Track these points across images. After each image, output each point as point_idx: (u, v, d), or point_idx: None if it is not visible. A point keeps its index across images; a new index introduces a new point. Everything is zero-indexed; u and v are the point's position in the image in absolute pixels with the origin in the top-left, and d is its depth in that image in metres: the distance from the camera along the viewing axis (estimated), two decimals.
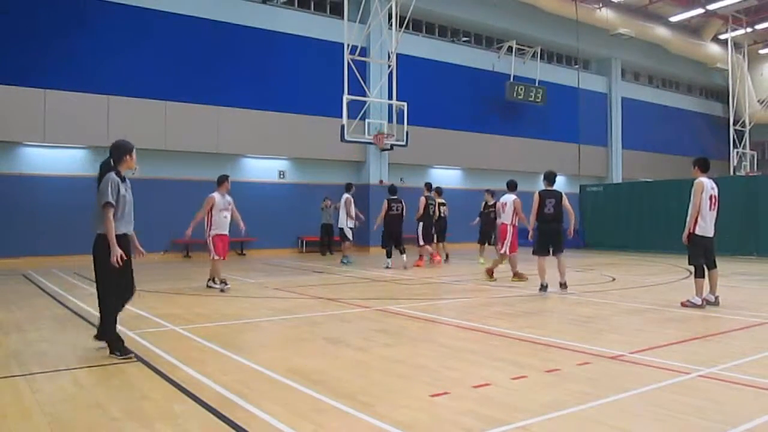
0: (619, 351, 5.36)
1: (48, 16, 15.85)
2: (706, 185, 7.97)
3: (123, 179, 5.56)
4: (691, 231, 7.96)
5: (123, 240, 5.48)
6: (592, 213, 22.32)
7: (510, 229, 11.20)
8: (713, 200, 8.02)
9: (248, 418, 3.65)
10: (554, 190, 9.85)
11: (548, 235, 9.69)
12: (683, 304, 8.11)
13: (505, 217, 11.24)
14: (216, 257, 10.14)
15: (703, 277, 8.00)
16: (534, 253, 9.82)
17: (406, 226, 14.80)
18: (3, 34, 15.32)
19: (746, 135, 30.74)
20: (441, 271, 13.66)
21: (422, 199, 14.75)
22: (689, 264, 8.20)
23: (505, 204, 11.24)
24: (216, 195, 10.33)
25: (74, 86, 16.06)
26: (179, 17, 17.77)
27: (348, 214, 15.34)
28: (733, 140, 30.28)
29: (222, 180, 10.39)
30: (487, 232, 15.25)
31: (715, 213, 8.06)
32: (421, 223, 14.59)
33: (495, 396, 4.07)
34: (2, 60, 15.25)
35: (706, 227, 7.94)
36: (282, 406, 3.88)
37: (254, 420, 3.63)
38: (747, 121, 30.79)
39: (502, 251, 11.38)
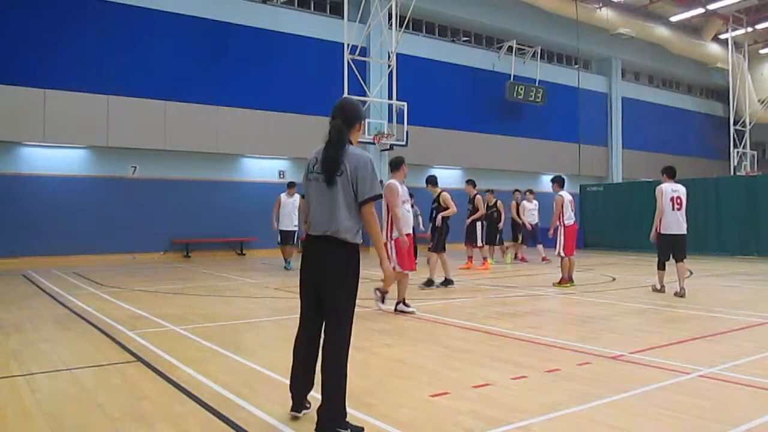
0: (619, 351, 5.36)
1: (48, 16, 15.85)
2: (665, 190, 9.02)
3: None
4: (658, 230, 9.10)
5: None
6: (592, 213, 22.32)
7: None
8: (675, 201, 9.01)
9: (248, 418, 3.65)
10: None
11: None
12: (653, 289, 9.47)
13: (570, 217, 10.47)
14: (399, 269, 7.42)
15: (664, 269, 9.25)
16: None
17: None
18: (3, 34, 15.33)
19: (746, 135, 30.75)
20: (441, 272, 13.63)
21: (479, 198, 13.76)
22: (659, 258, 9.28)
23: (573, 201, 10.67)
24: (396, 182, 7.56)
25: (74, 86, 16.06)
26: (179, 17, 17.77)
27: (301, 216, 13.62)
28: (734, 140, 30.29)
29: (399, 163, 7.66)
30: (493, 232, 14.97)
31: (680, 213, 9.05)
32: (479, 223, 13.86)
33: (495, 396, 4.07)
34: (2, 60, 15.26)
35: (669, 226, 9.01)
36: (282, 406, 3.87)
37: (254, 420, 3.63)
38: (747, 121, 30.79)
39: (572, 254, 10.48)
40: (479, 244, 14.04)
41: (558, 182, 10.75)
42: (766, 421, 3.58)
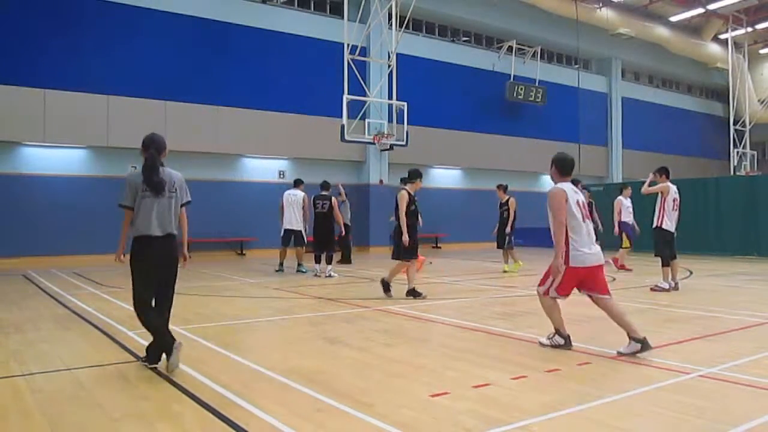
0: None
1: (48, 16, 15.85)
2: (672, 189, 9.56)
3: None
4: (659, 226, 9.49)
5: None
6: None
7: None
8: (675, 202, 9.60)
9: (248, 418, 3.65)
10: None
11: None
12: (652, 289, 9.56)
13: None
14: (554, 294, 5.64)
15: (669, 265, 9.49)
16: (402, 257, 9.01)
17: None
18: (3, 34, 15.33)
19: (746, 135, 30.75)
20: (441, 272, 13.65)
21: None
22: (656, 255, 9.67)
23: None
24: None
25: (74, 86, 16.07)
26: (179, 17, 17.78)
27: (304, 215, 13.06)
28: (733, 140, 30.29)
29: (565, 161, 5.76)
30: (501, 233, 13.23)
31: (677, 213, 9.63)
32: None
33: (495, 396, 4.07)
34: (2, 60, 15.26)
35: (670, 224, 9.48)
36: (282, 406, 3.87)
37: (254, 420, 3.63)
38: (747, 121, 30.79)
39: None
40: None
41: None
42: (766, 421, 3.58)
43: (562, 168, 5.67)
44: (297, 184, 13.48)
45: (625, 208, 13.98)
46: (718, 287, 10.55)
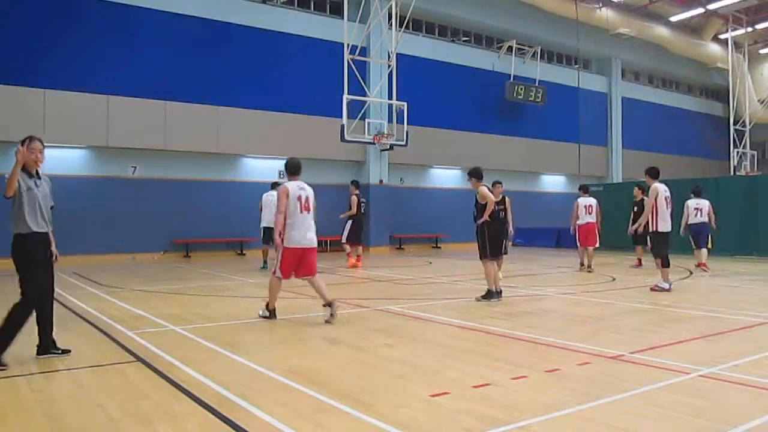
0: (619, 351, 5.36)
1: (48, 16, 15.85)
2: (660, 189, 9.50)
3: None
4: (655, 229, 9.45)
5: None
6: None
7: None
8: (668, 200, 9.59)
9: (248, 418, 3.65)
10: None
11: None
12: (652, 289, 9.50)
13: (591, 218, 13.46)
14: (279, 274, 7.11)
15: (668, 266, 9.43)
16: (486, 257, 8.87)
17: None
18: (3, 34, 15.33)
19: (746, 135, 30.75)
20: (441, 272, 13.66)
21: (353, 198, 14.31)
22: (655, 257, 9.58)
23: (591, 206, 13.50)
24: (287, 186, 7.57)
25: (74, 86, 16.06)
26: (179, 17, 17.78)
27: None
28: (733, 140, 30.29)
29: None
30: (497, 236, 11.18)
31: (670, 210, 9.62)
32: (349, 222, 14.15)
33: (495, 396, 4.07)
34: (2, 60, 15.25)
35: (665, 224, 9.46)
36: (282, 406, 3.88)
37: (254, 420, 3.63)
38: (747, 121, 30.79)
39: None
40: (343, 240, 14.10)
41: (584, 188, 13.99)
42: (766, 421, 3.58)
43: (289, 170, 7.25)
44: (274, 186, 14.08)
45: (691, 209, 13.93)
46: (718, 287, 10.55)
